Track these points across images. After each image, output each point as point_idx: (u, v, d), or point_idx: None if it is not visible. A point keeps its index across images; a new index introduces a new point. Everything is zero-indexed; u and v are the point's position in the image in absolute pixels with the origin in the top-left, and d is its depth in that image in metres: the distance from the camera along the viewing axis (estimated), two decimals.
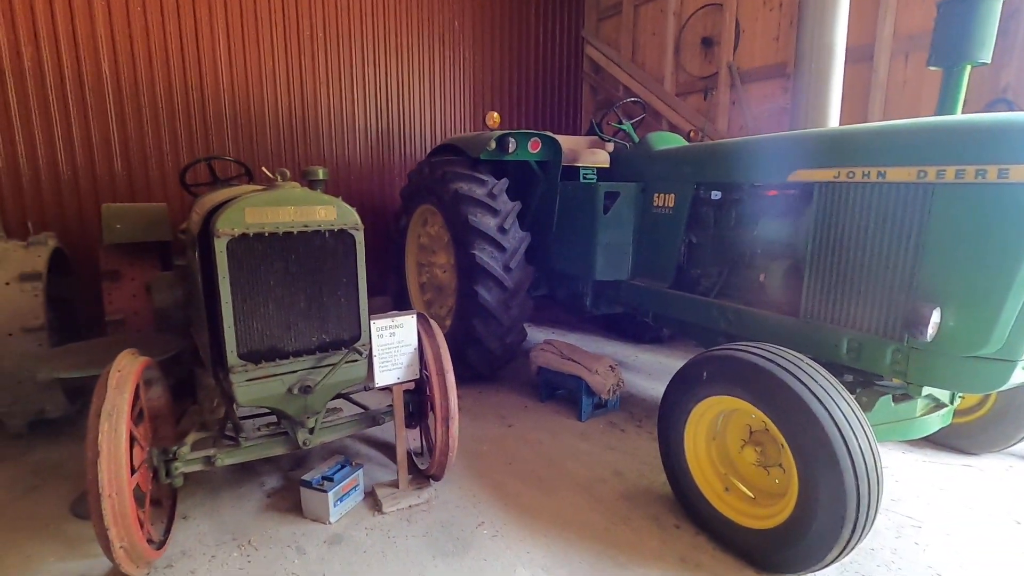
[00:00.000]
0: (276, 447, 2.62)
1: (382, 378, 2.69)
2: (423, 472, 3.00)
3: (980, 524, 2.67)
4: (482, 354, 4.13)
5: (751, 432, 2.48)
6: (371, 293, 5.38)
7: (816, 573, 2.27)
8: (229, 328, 2.28)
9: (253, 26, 5.30)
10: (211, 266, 2.28)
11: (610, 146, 4.66)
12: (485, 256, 3.92)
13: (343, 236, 2.51)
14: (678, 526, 2.63)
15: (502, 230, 3.99)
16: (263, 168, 2.62)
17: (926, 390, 2.57)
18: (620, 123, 4.48)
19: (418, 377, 2.83)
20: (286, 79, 5.51)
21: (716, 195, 3.48)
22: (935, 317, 2.22)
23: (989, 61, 2.72)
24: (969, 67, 2.75)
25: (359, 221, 2.55)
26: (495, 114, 4.18)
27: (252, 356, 2.36)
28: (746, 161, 3.19)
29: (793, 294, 2.88)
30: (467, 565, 2.36)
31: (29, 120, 4.50)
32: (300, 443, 2.59)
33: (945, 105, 2.83)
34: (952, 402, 2.74)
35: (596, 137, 4.55)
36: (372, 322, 2.63)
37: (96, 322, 3.66)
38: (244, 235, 2.27)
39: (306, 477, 2.66)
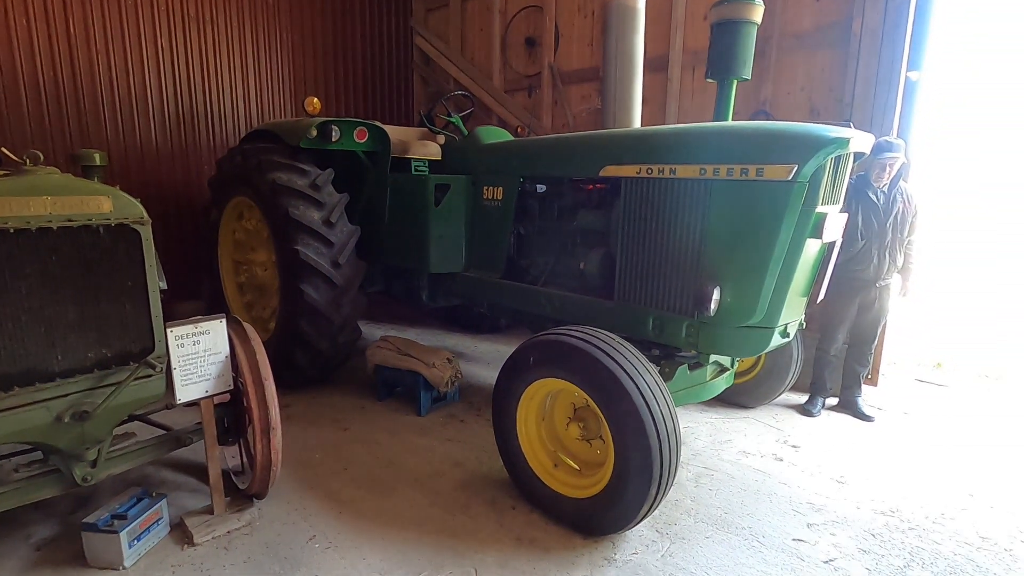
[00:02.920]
0: (45, 489, 2.17)
1: (184, 392, 2.36)
2: (243, 492, 2.72)
3: (756, 466, 3.20)
4: (312, 356, 3.87)
5: (575, 410, 2.66)
6: (181, 297, 4.80)
7: (633, 529, 2.52)
8: None
9: None
10: None
11: (441, 138, 4.65)
12: (311, 252, 3.66)
13: (124, 232, 2.14)
14: (514, 507, 2.73)
15: (328, 224, 3.76)
16: (2, 149, 2.12)
17: (713, 357, 3.01)
18: (449, 116, 4.48)
19: (232, 388, 2.54)
20: (47, 45, 4.55)
21: (540, 188, 3.66)
22: (716, 295, 2.59)
23: (750, 77, 3.23)
24: (735, 81, 3.24)
25: (144, 214, 2.20)
26: (315, 99, 3.91)
27: (0, 381, 1.91)
28: (564, 157, 3.40)
29: (608, 280, 3.15)
30: None
31: None
32: (79, 480, 2.17)
33: (719, 113, 3.30)
34: (732, 366, 3.23)
35: (427, 129, 4.50)
36: (169, 330, 2.29)
37: None
38: None
39: (89, 519, 2.24)
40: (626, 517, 2.35)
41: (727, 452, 3.35)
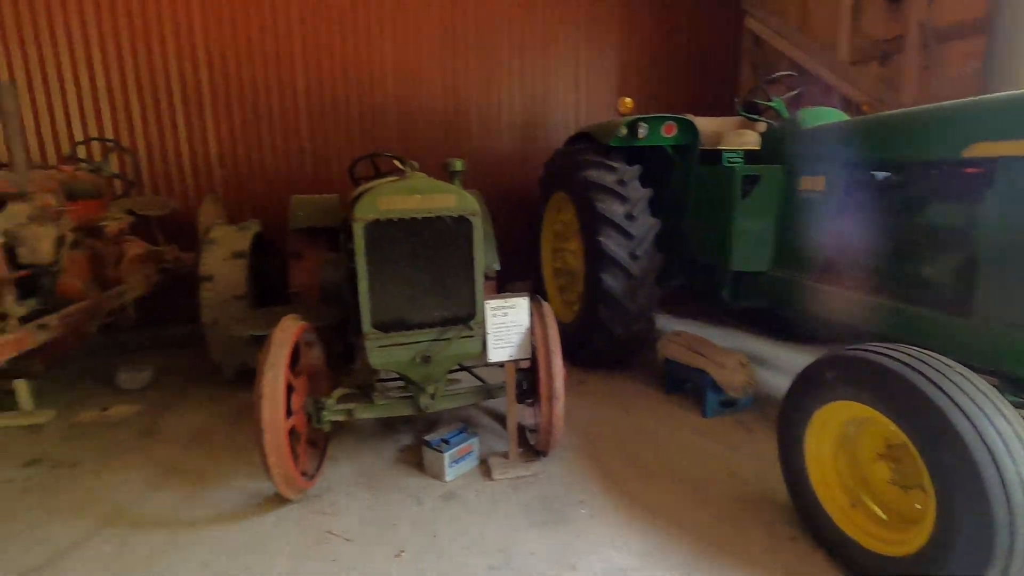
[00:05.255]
0: (402, 408, 2.98)
1: (494, 355, 2.88)
2: (533, 447, 3.15)
3: None
4: (607, 340, 4.14)
5: (888, 446, 2.18)
6: (512, 278, 5.73)
7: None
8: (364, 301, 2.65)
9: (415, 34, 5.87)
10: (354, 247, 2.67)
11: (762, 126, 4.30)
12: (611, 243, 3.91)
13: (462, 222, 2.73)
14: (794, 538, 2.42)
15: (630, 217, 3.93)
16: (395, 160, 2.96)
17: None
18: (770, 100, 4.09)
19: (530, 356, 2.98)
20: (440, 79, 6.02)
21: (872, 176, 3.04)
22: None
23: None
24: None
25: (477, 208, 2.75)
26: (627, 100, 4.11)
27: (383, 326, 2.71)
28: (912, 134, 2.75)
29: (965, 291, 2.43)
30: (558, 537, 2.46)
31: (244, 131, 5.56)
32: (421, 407, 2.90)
33: None
34: None
35: (745, 118, 4.22)
36: (486, 302, 2.83)
37: (282, 293, 4.44)
38: (378, 220, 2.61)
39: (427, 438, 2.98)
40: None
41: None
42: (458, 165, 3.96)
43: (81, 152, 4.96)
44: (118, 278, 4.00)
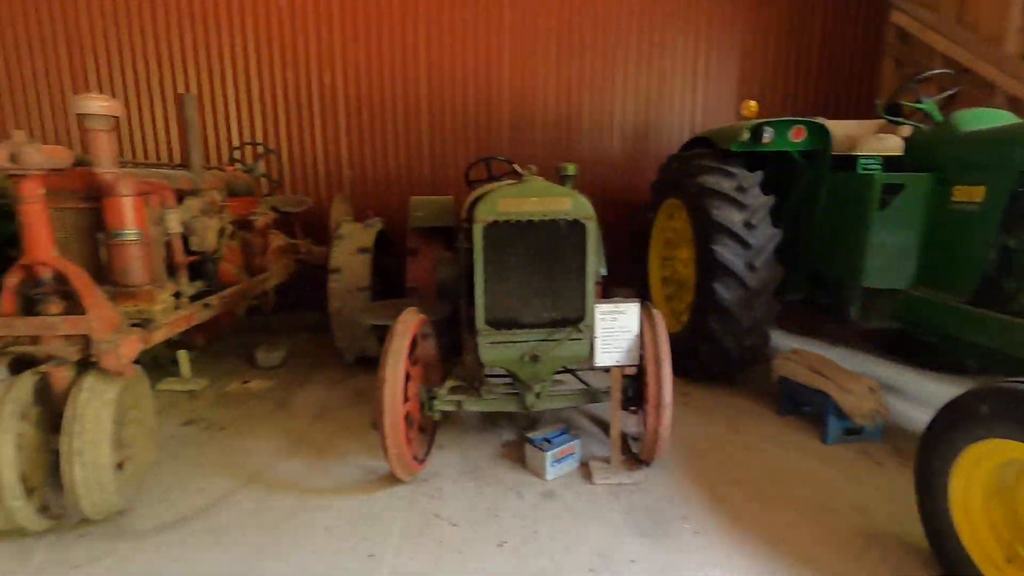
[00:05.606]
0: (508, 404, 3.07)
1: (602, 359, 2.88)
2: (636, 456, 3.11)
3: None
4: (716, 353, 3.98)
5: None
6: (615, 284, 5.67)
7: None
8: (480, 298, 2.77)
9: (531, 42, 6.01)
10: (473, 246, 2.80)
11: (906, 130, 3.91)
12: (727, 252, 3.75)
13: (576, 225, 2.77)
14: None
15: (748, 226, 3.75)
16: (514, 165, 3.06)
17: None
18: (919, 101, 3.71)
19: (638, 363, 2.94)
20: (555, 86, 6.10)
21: None
22: None
23: None
24: None
25: (592, 212, 2.78)
26: (751, 103, 3.92)
27: (495, 323, 2.82)
28: None
29: None
30: (662, 550, 2.41)
31: (371, 137, 6.02)
32: (527, 405, 2.97)
33: None
34: None
35: (886, 121, 3.86)
36: (596, 306, 2.84)
37: (400, 287, 4.75)
38: (496, 222, 2.72)
39: (531, 435, 3.05)
40: None
41: None
42: (571, 169, 4.02)
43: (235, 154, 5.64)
44: (263, 266, 4.50)
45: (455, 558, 2.37)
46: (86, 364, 2.48)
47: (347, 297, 4.35)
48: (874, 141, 3.88)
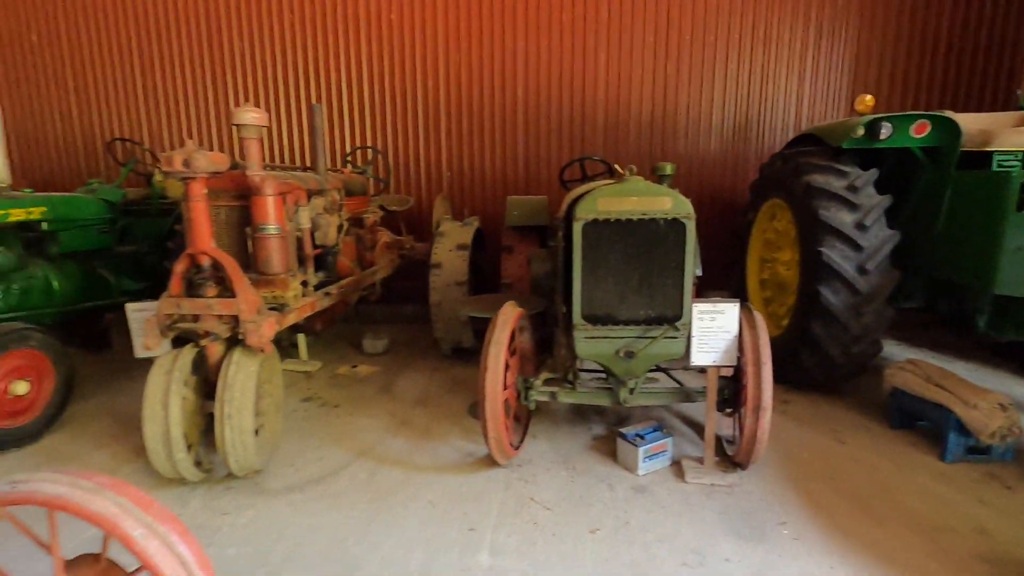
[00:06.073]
0: (601, 398, 3.15)
1: (698, 358, 2.88)
2: (730, 458, 3.08)
3: None
4: (819, 360, 3.80)
5: None
6: (711, 286, 5.56)
7: None
8: (577, 294, 2.88)
9: (628, 42, 5.99)
10: (571, 244, 2.91)
11: None
12: (835, 255, 3.58)
13: (675, 224, 2.79)
14: None
15: (860, 227, 3.56)
16: (616, 165, 3.12)
17: None
18: None
19: (735, 364, 2.91)
20: (651, 85, 6.05)
21: None
22: None
23: None
24: None
25: (691, 211, 2.79)
26: (867, 97, 3.71)
27: (592, 319, 2.91)
28: None
29: None
30: (759, 553, 2.39)
31: (470, 139, 6.29)
32: (620, 400, 3.04)
33: None
34: None
35: None
36: (694, 305, 2.84)
37: (495, 282, 4.95)
38: (596, 220, 2.81)
39: (623, 430, 3.11)
40: None
41: None
42: (668, 169, 4.01)
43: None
44: (372, 261, 4.87)
45: (550, 539, 2.49)
46: (234, 341, 2.87)
47: (446, 291, 4.61)
48: (1013, 135, 3.55)
